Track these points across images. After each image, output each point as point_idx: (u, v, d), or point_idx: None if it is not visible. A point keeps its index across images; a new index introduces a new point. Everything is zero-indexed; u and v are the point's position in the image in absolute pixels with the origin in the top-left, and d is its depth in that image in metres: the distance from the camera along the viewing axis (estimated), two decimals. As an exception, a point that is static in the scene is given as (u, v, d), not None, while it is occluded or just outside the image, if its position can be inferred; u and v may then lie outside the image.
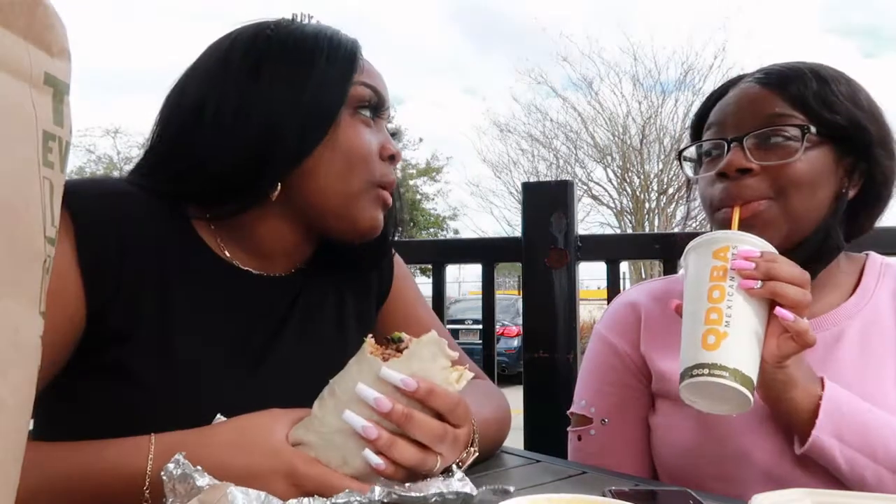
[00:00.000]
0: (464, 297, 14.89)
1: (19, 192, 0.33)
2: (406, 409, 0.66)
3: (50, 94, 0.35)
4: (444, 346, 0.69)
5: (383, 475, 0.66)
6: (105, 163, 21.79)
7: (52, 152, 0.35)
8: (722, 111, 1.00)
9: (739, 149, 0.93)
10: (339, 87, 0.84)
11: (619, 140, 17.67)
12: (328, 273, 0.95)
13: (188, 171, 0.81)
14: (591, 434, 1.09)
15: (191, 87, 0.85)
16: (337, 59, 0.85)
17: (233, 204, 0.82)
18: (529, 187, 1.69)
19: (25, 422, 0.39)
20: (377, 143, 0.86)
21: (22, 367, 0.37)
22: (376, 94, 0.87)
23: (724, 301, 0.77)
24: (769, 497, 0.67)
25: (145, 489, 0.64)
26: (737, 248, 0.80)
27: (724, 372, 0.73)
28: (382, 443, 0.65)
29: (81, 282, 0.72)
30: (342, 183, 0.83)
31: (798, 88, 0.94)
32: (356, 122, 0.85)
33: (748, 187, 0.92)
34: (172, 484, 0.59)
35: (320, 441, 0.66)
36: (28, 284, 0.37)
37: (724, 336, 0.75)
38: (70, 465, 0.66)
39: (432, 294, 1.76)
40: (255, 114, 0.81)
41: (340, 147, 0.83)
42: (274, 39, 0.85)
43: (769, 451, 0.89)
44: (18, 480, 0.38)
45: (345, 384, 0.68)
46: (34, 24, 0.33)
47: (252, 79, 0.82)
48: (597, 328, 1.16)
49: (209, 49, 0.88)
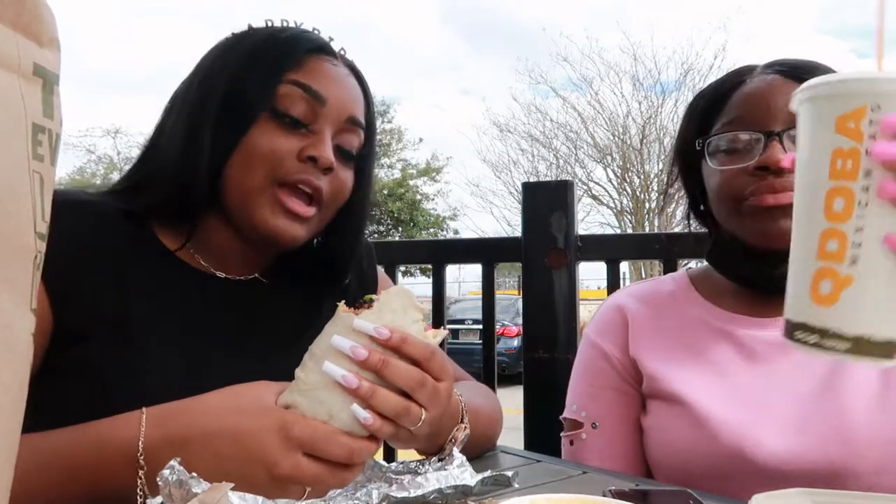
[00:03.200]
0: (464, 297, 14.89)
1: (8, 187, 0.33)
2: (382, 356, 0.66)
3: (39, 85, 0.34)
4: (413, 298, 0.70)
5: (370, 430, 0.66)
6: (105, 163, 21.81)
7: (42, 145, 0.34)
8: (747, 103, 0.98)
9: (779, 144, 0.92)
10: (260, 89, 0.83)
11: (619, 140, 17.68)
12: (303, 281, 0.96)
13: (140, 183, 0.87)
14: (583, 438, 1.09)
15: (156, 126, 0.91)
16: (265, 58, 0.85)
17: (176, 212, 0.84)
18: (529, 187, 1.69)
19: (18, 420, 0.39)
20: (296, 146, 0.83)
21: (14, 365, 0.37)
22: (310, 92, 0.84)
23: (850, 219, 0.47)
24: (769, 497, 0.66)
25: (139, 455, 0.64)
26: (881, 112, 0.46)
27: (842, 343, 0.48)
28: (363, 391, 0.65)
29: (45, 291, 0.74)
30: (241, 182, 0.83)
31: None
32: (270, 126, 0.83)
33: (787, 181, 0.91)
34: (168, 490, 0.59)
35: (306, 400, 0.67)
36: (19, 281, 0.36)
37: (845, 283, 0.48)
38: (61, 442, 0.66)
39: (432, 294, 1.75)
40: (182, 125, 0.84)
41: (246, 149, 0.82)
42: (218, 46, 0.89)
43: (764, 447, 0.89)
44: (12, 480, 0.38)
45: (322, 343, 0.69)
46: (23, 14, 0.33)
47: (188, 88, 0.88)
48: (585, 332, 1.16)
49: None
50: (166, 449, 0.63)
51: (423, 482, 0.66)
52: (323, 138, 0.85)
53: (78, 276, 0.77)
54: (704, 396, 0.96)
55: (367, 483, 0.73)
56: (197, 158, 0.82)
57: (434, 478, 0.67)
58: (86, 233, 0.80)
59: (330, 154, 0.84)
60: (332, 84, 0.86)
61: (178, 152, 0.83)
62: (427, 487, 0.66)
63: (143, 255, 0.84)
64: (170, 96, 0.90)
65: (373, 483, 0.72)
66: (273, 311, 0.92)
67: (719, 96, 1.02)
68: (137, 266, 0.82)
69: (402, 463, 0.77)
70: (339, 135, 0.88)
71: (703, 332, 1.03)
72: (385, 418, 0.66)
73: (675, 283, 1.13)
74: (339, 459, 0.64)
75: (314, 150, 0.83)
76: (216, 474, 0.62)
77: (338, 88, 0.87)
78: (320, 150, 0.83)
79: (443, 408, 0.72)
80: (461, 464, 0.70)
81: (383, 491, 0.65)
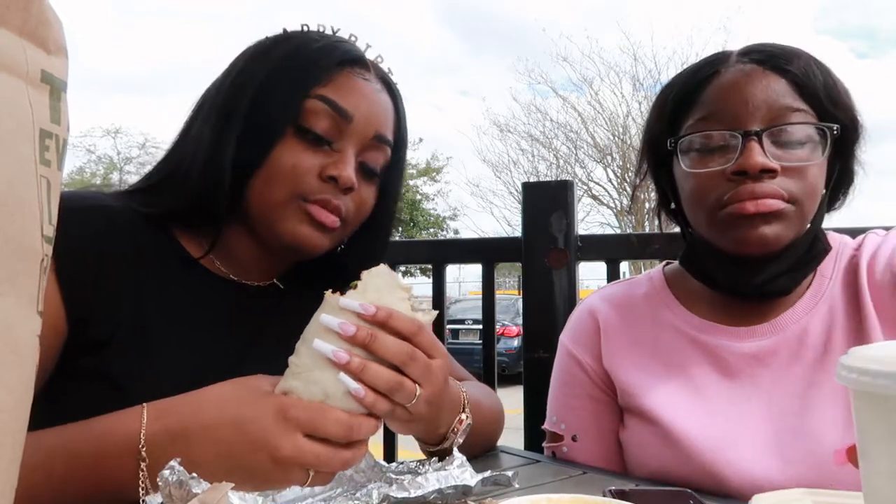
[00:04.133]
0: (464, 297, 14.88)
1: (16, 191, 0.33)
2: (371, 330, 0.67)
3: (47, 91, 0.35)
4: (396, 277, 0.71)
5: (364, 404, 0.66)
6: (105, 163, 21.80)
7: (49, 150, 0.35)
8: (722, 98, 0.89)
9: (758, 145, 0.84)
10: (286, 103, 0.82)
11: (619, 140, 17.69)
12: (321, 286, 0.96)
13: (161, 185, 0.87)
14: (565, 451, 1.05)
15: (182, 130, 0.90)
16: (293, 70, 0.83)
17: (199, 218, 0.84)
18: (529, 187, 1.68)
19: (24, 422, 0.39)
20: (318, 163, 0.83)
21: (19, 367, 0.37)
22: (336, 108, 0.83)
23: None
24: (769, 497, 0.67)
25: (141, 447, 0.64)
26: None
27: None
28: (354, 366, 0.65)
29: (60, 296, 0.74)
30: (265, 196, 0.83)
31: (806, 77, 0.87)
32: (294, 142, 0.82)
33: (768, 187, 0.84)
34: (168, 490, 0.59)
35: (301, 383, 0.67)
36: (26, 283, 0.36)
37: None
38: (64, 436, 0.67)
39: (432, 294, 1.75)
40: (208, 132, 0.84)
41: (270, 165, 0.82)
42: (251, 49, 0.88)
43: (738, 469, 0.85)
44: (17, 481, 0.38)
45: (312, 328, 0.70)
46: (30, 21, 0.33)
47: (217, 91, 0.87)
48: (561, 338, 1.11)
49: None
50: (167, 441, 0.64)
51: (423, 482, 0.67)
52: (345, 157, 0.83)
53: (98, 284, 0.77)
54: (678, 414, 0.92)
55: (367, 483, 0.73)
56: (220, 172, 0.82)
57: (434, 478, 0.67)
58: (106, 238, 0.80)
59: (351, 174, 0.83)
60: (361, 100, 0.84)
61: (202, 161, 0.83)
62: (427, 488, 0.66)
63: (163, 261, 0.84)
64: (200, 95, 0.90)
65: (373, 483, 0.72)
66: (290, 317, 0.91)
67: (691, 88, 0.93)
68: (157, 271, 0.82)
69: (401, 463, 0.78)
70: (365, 152, 0.86)
71: (677, 342, 0.98)
72: (380, 395, 0.67)
73: (650, 283, 1.07)
74: (339, 436, 0.65)
75: (335, 169, 0.82)
76: (219, 464, 0.63)
77: (366, 104, 0.85)
78: (341, 170, 0.82)
79: (438, 387, 0.72)
80: (461, 464, 0.70)
81: (383, 491, 0.65)
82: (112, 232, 0.80)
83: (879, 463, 0.43)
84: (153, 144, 20.65)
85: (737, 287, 0.93)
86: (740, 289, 0.93)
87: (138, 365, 0.77)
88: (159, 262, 0.83)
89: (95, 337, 0.76)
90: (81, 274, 0.76)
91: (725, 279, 0.94)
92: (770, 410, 0.89)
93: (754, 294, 0.93)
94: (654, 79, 17.40)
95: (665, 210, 1.06)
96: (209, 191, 0.82)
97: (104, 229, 0.80)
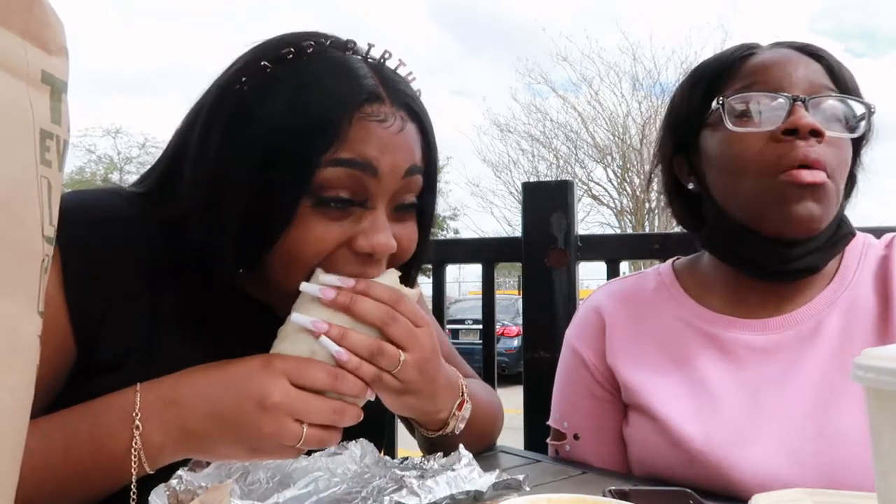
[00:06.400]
0: (464, 297, 14.87)
1: (16, 191, 0.33)
2: (350, 294, 0.69)
3: (47, 92, 0.35)
4: (395, 274, 0.75)
5: (347, 368, 0.68)
6: (105, 163, 21.80)
7: (50, 151, 0.35)
8: (764, 69, 0.90)
9: (805, 109, 0.85)
10: (297, 176, 0.69)
11: (619, 140, 17.71)
12: None
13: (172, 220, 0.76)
14: (567, 450, 1.05)
15: (182, 131, 0.79)
16: (297, 136, 0.69)
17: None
18: (529, 187, 1.68)
19: (24, 423, 0.39)
20: (346, 233, 0.71)
21: (20, 368, 0.37)
22: (358, 166, 0.69)
23: None
24: (769, 497, 0.67)
25: (135, 414, 0.65)
26: None
27: None
28: (334, 334, 0.68)
29: (68, 315, 0.71)
30: (283, 281, 0.73)
31: (838, 67, 0.91)
32: (312, 217, 0.70)
33: (816, 150, 0.83)
34: (175, 498, 0.60)
35: (286, 343, 0.70)
36: (26, 284, 0.37)
37: None
38: (62, 416, 0.68)
39: (432, 294, 1.75)
40: (206, 181, 0.72)
41: (287, 246, 0.70)
42: (246, 100, 0.71)
43: (745, 472, 0.84)
44: (17, 482, 0.38)
45: (297, 301, 0.72)
46: (31, 22, 0.33)
47: (211, 111, 0.74)
48: (566, 335, 1.10)
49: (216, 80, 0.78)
50: (161, 408, 0.66)
51: (434, 485, 0.65)
52: (377, 221, 0.72)
53: (111, 308, 0.73)
54: (682, 413, 0.91)
55: (372, 480, 0.72)
56: (222, 245, 0.71)
57: (444, 481, 0.66)
58: (120, 256, 0.74)
59: (387, 240, 0.72)
60: (384, 146, 0.71)
61: (201, 216, 0.72)
62: (438, 493, 0.65)
63: (179, 279, 0.76)
64: (195, 102, 0.78)
65: (378, 479, 0.72)
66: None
67: (727, 65, 0.93)
68: (174, 291, 0.75)
69: (406, 458, 0.77)
70: (398, 195, 0.74)
71: (686, 335, 0.97)
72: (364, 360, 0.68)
73: (658, 277, 1.06)
74: (325, 384, 0.67)
75: (366, 241, 0.71)
76: (210, 426, 0.65)
77: (390, 149, 0.71)
78: (374, 241, 0.71)
79: (425, 353, 0.72)
80: (469, 462, 0.70)
81: (394, 498, 0.64)
82: (127, 250, 0.75)
83: (893, 461, 0.43)
84: (153, 144, 20.66)
85: (770, 265, 0.91)
86: (776, 265, 0.90)
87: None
88: (175, 283, 0.76)
89: (105, 360, 0.73)
90: (91, 298, 0.72)
91: (760, 255, 0.91)
92: (783, 409, 0.87)
93: (786, 273, 0.91)
94: (653, 79, 17.47)
95: (676, 199, 1.03)
96: (211, 261, 0.73)
97: (118, 249, 0.74)
